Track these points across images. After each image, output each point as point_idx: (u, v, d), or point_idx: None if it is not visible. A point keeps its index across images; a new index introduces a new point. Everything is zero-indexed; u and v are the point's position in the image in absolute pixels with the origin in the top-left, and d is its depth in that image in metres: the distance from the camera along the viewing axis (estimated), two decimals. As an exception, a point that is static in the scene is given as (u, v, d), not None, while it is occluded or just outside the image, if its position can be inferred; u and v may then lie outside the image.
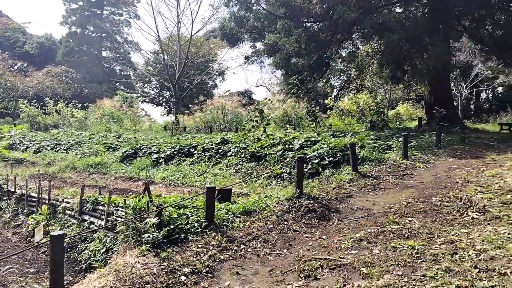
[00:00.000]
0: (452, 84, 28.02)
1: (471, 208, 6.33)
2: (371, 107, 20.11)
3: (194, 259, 5.24)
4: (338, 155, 10.90)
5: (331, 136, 13.84)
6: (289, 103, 23.89)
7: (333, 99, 24.76)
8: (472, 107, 39.81)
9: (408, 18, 19.71)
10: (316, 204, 7.43)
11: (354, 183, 8.89)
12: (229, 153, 14.43)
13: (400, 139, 11.57)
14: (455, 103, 30.22)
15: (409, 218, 6.31)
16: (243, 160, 13.42)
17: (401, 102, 29.59)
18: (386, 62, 19.02)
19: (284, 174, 11.04)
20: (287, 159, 11.80)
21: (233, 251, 5.58)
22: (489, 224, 5.60)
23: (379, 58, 20.48)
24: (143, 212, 6.22)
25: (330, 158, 10.84)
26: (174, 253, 5.41)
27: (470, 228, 5.48)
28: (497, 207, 6.24)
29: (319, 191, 8.45)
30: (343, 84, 37.13)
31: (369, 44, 22.78)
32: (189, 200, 7.11)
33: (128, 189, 11.89)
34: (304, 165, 10.27)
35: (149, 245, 5.50)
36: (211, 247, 5.60)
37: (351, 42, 22.69)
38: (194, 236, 5.91)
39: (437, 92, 19.79)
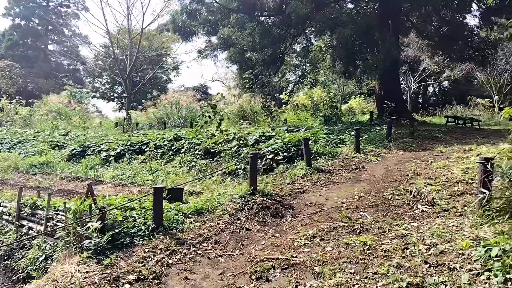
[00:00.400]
0: (401, 79, 28.88)
1: (421, 200, 6.43)
2: (325, 102, 20.31)
3: (140, 264, 4.93)
4: (292, 150, 10.85)
5: (286, 131, 13.80)
6: (245, 98, 23.72)
7: (288, 94, 24.81)
8: (420, 100, 41.35)
9: (359, 13, 19.99)
10: (270, 201, 7.30)
11: (308, 178, 8.85)
12: (183, 150, 14.04)
13: (353, 133, 11.69)
14: (404, 97, 31.19)
15: (361, 213, 6.31)
16: (197, 157, 13.10)
17: (353, 96, 30.19)
18: (339, 57, 19.21)
19: (239, 170, 10.85)
20: (242, 155, 11.62)
21: (182, 254, 5.31)
22: (438, 216, 5.68)
23: (331, 53, 20.66)
24: (85, 216, 5.81)
25: (285, 153, 10.77)
26: (119, 259, 5.06)
27: (420, 222, 5.53)
28: (445, 199, 6.36)
29: (273, 187, 8.33)
30: (298, 79, 37.35)
31: (322, 39, 22.92)
32: (136, 201, 6.74)
33: (74, 190, 11.24)
34: (259, 160, 10.13)
35: (90, 252, 5.12)
36: (159, 251, 5.30)
37: (304, 37, 22.78)
38: (141, 240, 5.58)
39: (387, 86, 20.28)
